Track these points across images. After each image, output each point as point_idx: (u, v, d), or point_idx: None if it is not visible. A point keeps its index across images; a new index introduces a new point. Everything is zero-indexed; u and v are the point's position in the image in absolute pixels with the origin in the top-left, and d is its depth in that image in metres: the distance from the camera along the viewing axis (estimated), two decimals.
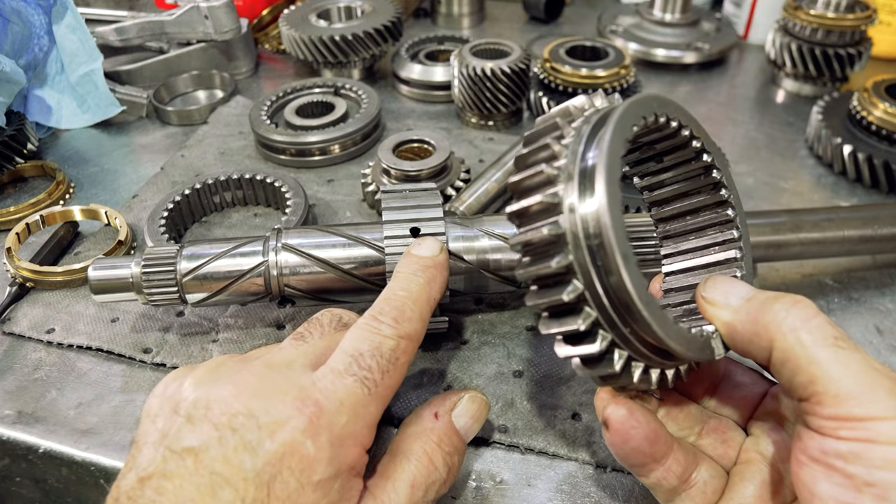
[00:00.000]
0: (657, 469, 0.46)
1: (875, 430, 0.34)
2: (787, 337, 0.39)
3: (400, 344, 0.49)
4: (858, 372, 0.36)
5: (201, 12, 1.16)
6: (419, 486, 0.47)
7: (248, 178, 0.88)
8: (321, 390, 0.44)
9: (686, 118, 0.48)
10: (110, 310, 0.73)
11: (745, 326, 0.42)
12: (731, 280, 0.46)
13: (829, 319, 0.40)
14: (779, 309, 0.40)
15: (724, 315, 0.44)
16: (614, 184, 0.38)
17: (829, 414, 0.36)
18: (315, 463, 0.41)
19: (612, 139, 0.39)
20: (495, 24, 1.48)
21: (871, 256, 0.80)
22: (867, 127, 0.93)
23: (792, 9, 1.11)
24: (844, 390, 0.36)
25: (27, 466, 0.63)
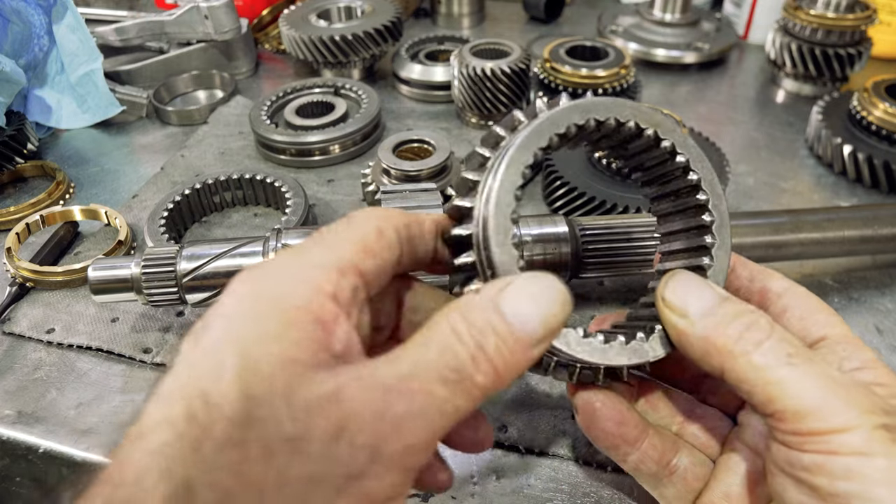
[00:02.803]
0: (632, 453, 0.48)
1: (835, 443, 0.35)
2: (738, 361, 0.39)
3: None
4: (815, 386, 0.37)
5: (201, 12, 1.16)
6: (429, 347, 0.34)
7: (248, 178, 0.88)
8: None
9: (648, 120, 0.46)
10: (110, 310, 0.73)
11: (697, 342, 0.42)
12: (694, 282, 0.44)
13: (783, 333, 0.40)
14: (732, 332, 0.40)
15: (679, 324, 0.43)
16: (502, 206, 0.41)
17: (791, 430, 0.37)
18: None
19: (509, 162, 0.42)
20: (495, 24, 1.48)
21: (871, 256, 0.80)
22: (867, 127, 0.93)
23: (792, 9, 1.11)
24: (803, 406, 0.37)
25: (27, 466, 0.63)
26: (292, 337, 0.32)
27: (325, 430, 0.29)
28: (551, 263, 0.66)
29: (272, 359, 0.30)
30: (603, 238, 0.67)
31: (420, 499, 0.56)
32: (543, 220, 0.68)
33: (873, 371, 0.42)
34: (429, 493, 0.56)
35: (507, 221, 0.41)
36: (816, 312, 0.46)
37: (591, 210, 0.79)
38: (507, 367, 0.35)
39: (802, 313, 0.46)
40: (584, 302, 0.75)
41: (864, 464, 0.34)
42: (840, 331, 0.45)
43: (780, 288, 0.48)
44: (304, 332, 0.32)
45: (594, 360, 0.44)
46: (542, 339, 0.36)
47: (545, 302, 0.36)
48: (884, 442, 0.35)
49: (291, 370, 0.31)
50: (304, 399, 0.30)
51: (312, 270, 0.35)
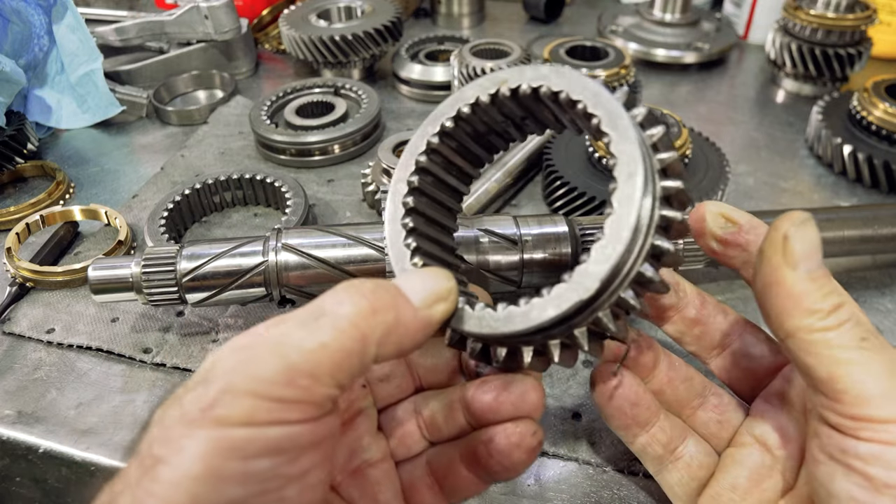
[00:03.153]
0: (641, 434, 0.49)
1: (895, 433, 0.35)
2: (813, 335, 0.38)
3: None
4: (882, 374, 0.36)
5: (201, 12, 1.16)
6: (309, 308, 0.37)
7: (248, 178, 0.88)
8: None
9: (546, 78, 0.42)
10: (110, 310, 0.73)
11: (785, 299, 0.40)
12: (817, 239, 0.40)
13: (860, 317, 0.39)
14: (822, 307, 0.39)
15: (782, 269, 0.40)
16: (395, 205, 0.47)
17: (850, 413, 0.36)
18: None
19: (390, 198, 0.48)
20: (495, 24, 1.48)
21: (871, 256, 0.80)
22: (867, 127, 0.93)
23: (792, 9, 1.11)
24: (867, 391, 0.36)
25: (27, 466, 0.63)
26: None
27: (192, 384, 0.34)
28: (551, 263, 0.67)
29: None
30: None
31: None
32: (543, 220, 0.68)
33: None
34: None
35: (402, 260, 0.45)
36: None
37: (591, 210, 0.79)
38: (383, 304, 0.37)
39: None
40: None
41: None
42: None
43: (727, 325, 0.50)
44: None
45: (519, 328, 0.40)
46: (430, 299, 0.40)
47: (431, 275, 0.41)
48: None
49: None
50: (193, 377, 0.35)
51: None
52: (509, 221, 0.67)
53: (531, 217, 0.68)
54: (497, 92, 0.45)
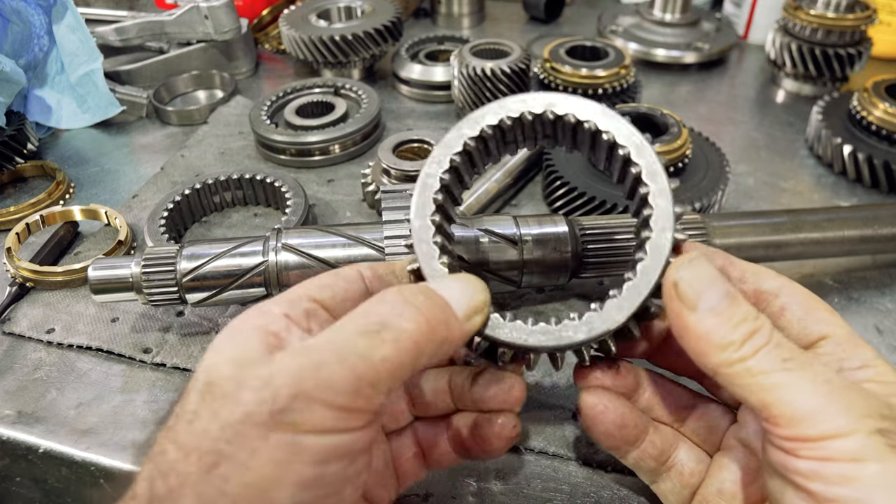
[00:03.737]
0: (632, 451, 0.50)
1: (830, 448, 0.35)
2: (733, 366, 0.39)
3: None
4: (810, 391, 0.37)
5: (201, 12, 1.16)
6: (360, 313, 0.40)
7: (248, 178, 0.88)
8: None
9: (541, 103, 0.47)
10: (110, 310, 0.73)
11: (697, 339, 0.41)
12: (712, 279, 0.42)
13: (780, 338, 0.40)
14: (735, 339, 0.39)
15: (682, 313, 0.41)
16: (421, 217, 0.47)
17: (787, 435, 0.37)
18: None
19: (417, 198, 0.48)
20: (495, 24, 1.48)
21: (871, 256, 0.80)
22: (867, 127, 0.93)
23: (792, 9, 1.11)
24: (797, 412, 0.36)
25: (27, 466, 0.63)
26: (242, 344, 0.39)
27: (255, 384, 0.35)
28: (551, 263, 0.67)
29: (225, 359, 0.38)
30: (603, 238, 0.67)
31: (420, 499, 0.56)
32: (543, 220, 0.68)
33: (874, 369, 0.41)
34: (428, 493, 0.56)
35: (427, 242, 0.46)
36: (816, 310, 0.45)
37: (591, 210, 0.79)
38: (438, 321, 0.40)
39: (802, 312, 0.45)
40: (584, 302, 0.75)
41: (858, 469, 0.34)
42: (842, 329, 0.44)
43: (775, 287, 0.47)
44: (253, 339, 0.39)
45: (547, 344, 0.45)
46: (471, 312, 0.43)
47: (468, 285, 0.44)
48: (878, 447, 0.34)
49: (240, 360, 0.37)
50: (246, 373, 0.36)
51: (266, 304, 0.42)
52: (509, 221, 0.67)
53: (531, 217, 0.68)
54: (543, 113, 0.47)
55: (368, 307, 0.40)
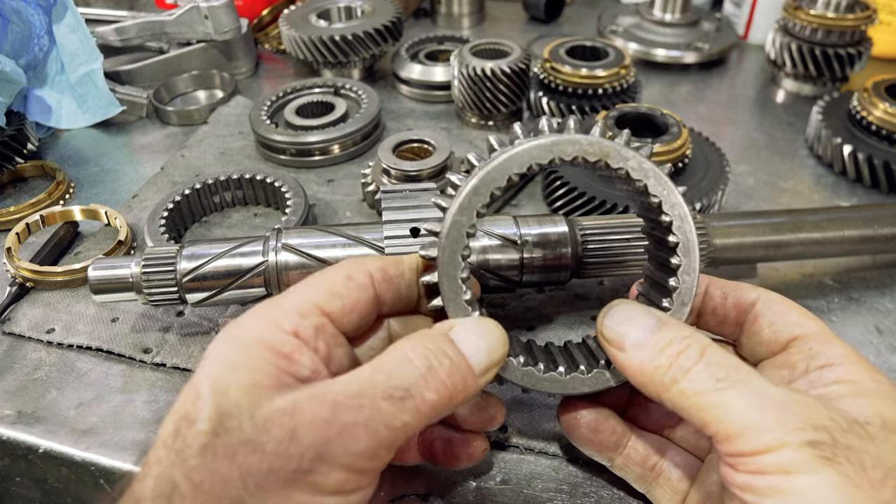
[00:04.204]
0: (616, 457, 0.51)
1: (763, 462, 0.36)
2: (670, 390, 0.41)
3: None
4: (743, 409, 0.38)
5: (201, 12, 1.16)
6: (382, 371, 0.40)
7: (248, 178, 0.88)
8: None
9: (596, 153, 0.46)
10: (110, 310, 0.73)
11: (635, 374, 0.44)
12: (631, 315, 0.45)
13: (712, 358, 0.41)
14: (662, 362, 0.42)
15: (618, 357, 0.45)
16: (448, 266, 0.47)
17: (727, 451, 0.38)
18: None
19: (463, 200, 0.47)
20: (495, 24, 1.48)
21: (871, 256, 0.80)
22: (867, 127, 0.93)
23: (792, 9, 1.11)
24: (733, 429, 0.37)
25: (27, 466, 0.63)
26: (255, 367, 0.39)
27: (279, 435, 0.36)
28: (551, 263, 0.67)
29: (238, 384, 0.38)
30: (603, 238, 0.67)
31: (420, 499, 0.56)
32: (543, 220, 0.68)
33: (841, 368, 0.42)
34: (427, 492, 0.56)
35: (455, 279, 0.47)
36: (788, 314, 0.47)
37: (591, 210, 0.79)
38: (458, 389, 0.41)
39: (774, 317, 0.47)
40: (585, 302, 0.75)
41: (788, 482, 0.35)
42: (812, 329, 0.46)
43: (752, 297, 0.50)
44: (265, 362, 0.39)
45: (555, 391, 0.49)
46: (488, 369, 0.44)
47: (489, 337, 0.44)
48: (808, 459, 0.35)
49: (254, 391, 0.38)
50: (263, 412, 0.37)
51: (275, 313, 0.42)
52: (509, 221, 0.67)
53: (531, 217, 0.68)
54: (597, 161, 0.47)
55: (393, 366, 0.40)
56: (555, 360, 0.51)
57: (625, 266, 0.68)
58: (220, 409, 0.37)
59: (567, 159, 0.46)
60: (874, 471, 0.35)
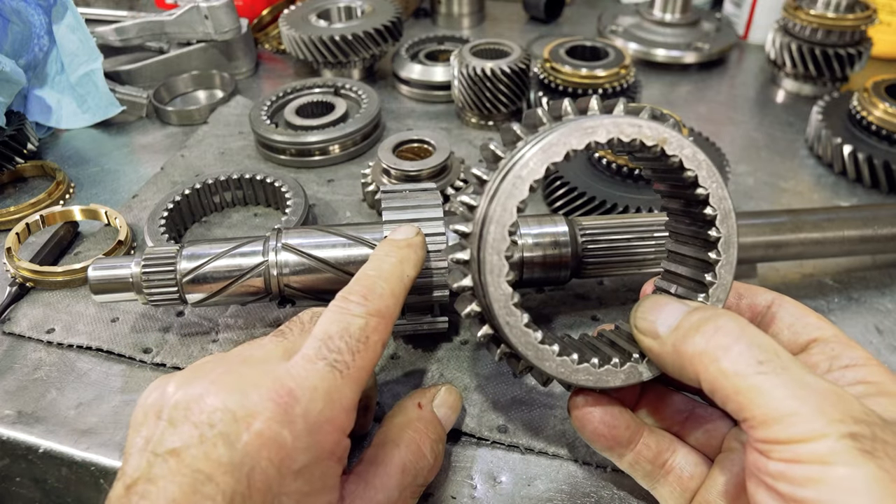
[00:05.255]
0: (627, 453, 0.50)
1: (800, 451, 0.36)
2: (708, 369, 0.40)
3: (370, 322, 0.48)
4: (783, 396, 0.37)
5: (201, 12, 1.16)
6: (409, 472, 0.49)
7: (248, 178, 0.88)
8: (294, 378, 0.44)
9: (655, 137, 0.45)
10: (110, 310, 0.73)
11: (671, 359, 0.43)
12: (662, 303, 0.46)
13: (753, 339, 0.40)
14: (699, 340, 0.41)
15: (652, 346, 0.45)
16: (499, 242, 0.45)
17: (760, 437, 0.38)
18: (293, 451, 0.41)
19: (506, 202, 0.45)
20: (495, 24, 1.48)
21: (871, 256, 0.80)
22: (867, 127, 0.93)
23: (792, 9, 1.11)
24: (771, 414, 0.37)
25: (27, 466, 0.63)
26: (329, 485, 0.44)
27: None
28: (551, 263, 0.67)
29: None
30: (603, 238, 0.67)
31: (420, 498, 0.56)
32: (543, 220, 0.68)
33: (863, 369, 0.42)
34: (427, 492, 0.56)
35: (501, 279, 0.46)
36: (805, 317, 0.47)
37: (591, 210, 0.79)
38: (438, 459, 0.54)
39: (792, 319, 0.47)
40: (585, 302, 0.75)
41: (825, 472, 0.35)
42: (831, 332, 0.46)
43: (767, 300, 0.50)
44: (335, 476, 0.45)
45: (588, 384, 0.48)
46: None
47: (456, 405, 0.58)
48: (848, 451, 0.35)
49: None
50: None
51: (343, 417, 0.45)
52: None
53: (531, 217, 0.68)
54: (653, 146, 0.46)
55: (414, 463, 0.51)
56: (583, 351, 0.50)
57: (625, 266, 0.68)
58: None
59: (626, 140, 0.45)
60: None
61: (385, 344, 0.49)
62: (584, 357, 0.48)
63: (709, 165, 0.46)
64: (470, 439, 0.61)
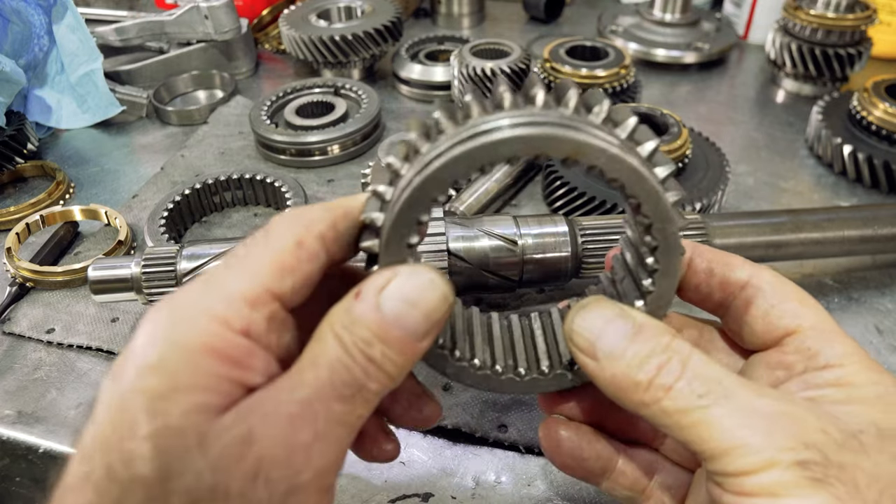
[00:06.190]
0: (602, 481, 0.47)
1: (748, 484, 0.34)
2: (650, 408, 0.37)
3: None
4: (729, 426, 0.35)
5: (201, 12, 1.16)
6: (321, 366, 0.35)
7: (248, 178, 0.88)
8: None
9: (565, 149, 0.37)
10: (110, 310, 0.73)
11: (608, 385, 0.39)
12: (602, 317, 0.40)
13: (695, 371, 0.37)
14: (641, 377, 0.37)
15: (588, 365, 0.40)
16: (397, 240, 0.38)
17: (712, 469, 0.36)
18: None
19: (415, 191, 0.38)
20: (495, 24, 1.48)
21: (871, 256, 0.80)
22: (867, 127, 0.93)
23: (792, 9, 1.11)
24: (718, 448, 0.35)
25: (27, 466, 0.63)
26: (201, 384, 0.32)
27: (242, 473, 0.31)
28: (551, 263, 0.67)
29: (181, 410, 0.31)
30: (603, 238, 0.67)
31: (420, 499, 0.56)
32: (543, 220, 0.68)
33: (840, 369, 0.39)
34: (428, 492, 0.56)
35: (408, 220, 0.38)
36: (784, 303, 0.42)
37: (591, 210, 0.79)
38: (398, 368, 0.36)
39: (768, 306, 0.42)
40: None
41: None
42: (812, 321, 0.41)
43: (743, 277, 0.44)
44: (214, 375, 0.32)
45: (517, 391, 0.45)
46: (427, 333, 0.37)
47: (426, 297, 0.36)
48: (797, 481, 0.33)
49: (202, 419, 0.31)
50: (218, 447, 0.31)
51: (221, 306, 0.34)
52: (509, 221, 0.67)
53: (531, 217, 0.68)
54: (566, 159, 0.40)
55: (332, 360, 0.35)
56: (514, 348, 0.47)
57: None
58: (163, 445, 0.30)
59: (510, 156, 0.37)
60: (868, 490, 0.33)
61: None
62: (511, 362, 0.45)
63: (635, 171, 0.38)
64: (470, 439, 0.61)
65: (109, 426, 0.31)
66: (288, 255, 0.37)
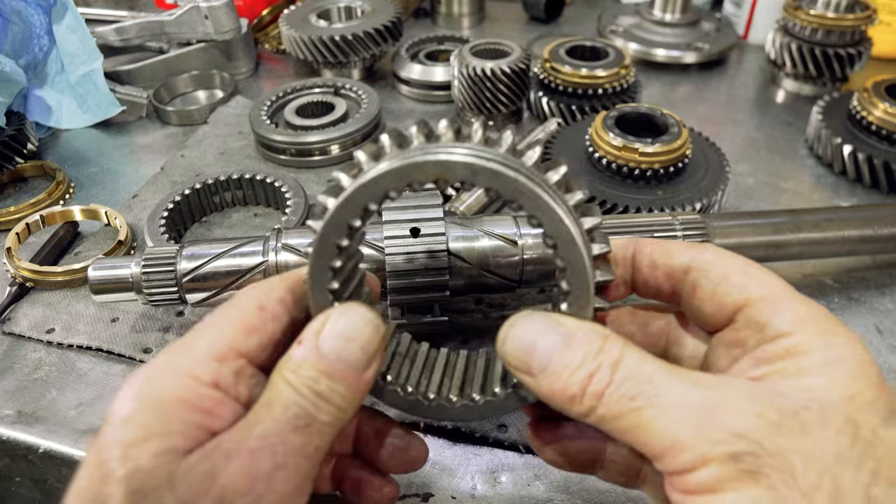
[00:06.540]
0: (596, 471, 0.47)
1: (690, 482, 0.34)
2: (588, 417, 0.37)
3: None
4: (663, 424, 0.34)
5: (201, 12, 1.16)
6: (274, 404, 0.38)
7: (248, 178, 0.88)
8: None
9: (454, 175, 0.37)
10: (110, 310, 0.73)
11: (549, 400, 0.39)
12: (534, 327, 0.39)
13: (625, 373, 0.36)
14: (573, 387, 0.37)
15: (526, 381, 0.40)
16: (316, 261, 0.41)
17: (658, 469, 0.36)
18: None
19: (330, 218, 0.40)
20: (495, 24, 1.48)
21: (871, 256, 0.80)
22: (867, 127, 0.93)
23: (792, 9, 1.11)
24: (657, 449, 0.34)
25: (27, 466, 0.63)
26: (171, 429, 0.36)
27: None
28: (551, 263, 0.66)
29: (150, 453, 0.34)
30: None
31: (420, 499, 0.56)
32: None
33: (790, 338, 0.37)
34: (428, 493, 0.56)
35: (322, 270, 0.41)
36: (728, 278, 0.41)
37: None
38: (346, 399, 0.39)
39: (713, 286, 0.41)
40: None
41: (715, 502, 0.33)
42: (759, 291, 0.39)
43: (684, 262, 0.43)
44: (182, 422, 0.36)
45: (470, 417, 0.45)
46: (369, 363, 0.40)
47: (359, 330, 0.40)
48: (731, 475, 0.32)
49: (170, 459, 0.35)
50: (185, 483, 0.34)
51: (189, 363, 0.38)
52: (509, 221, 0.67)
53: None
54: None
55: (284, 397, 0.38)
56: (452, 377, 0.47)
57: None
58: (134, 485, 0.33)
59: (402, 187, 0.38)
60: (805, 477, 0.32)
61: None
62: (444, 387, 0.46)
63: (535, 195, 0.37)
64: (470, 439, 0.61)
65: (87, 479, 0.35)
66: (251, 318, 0.41)
